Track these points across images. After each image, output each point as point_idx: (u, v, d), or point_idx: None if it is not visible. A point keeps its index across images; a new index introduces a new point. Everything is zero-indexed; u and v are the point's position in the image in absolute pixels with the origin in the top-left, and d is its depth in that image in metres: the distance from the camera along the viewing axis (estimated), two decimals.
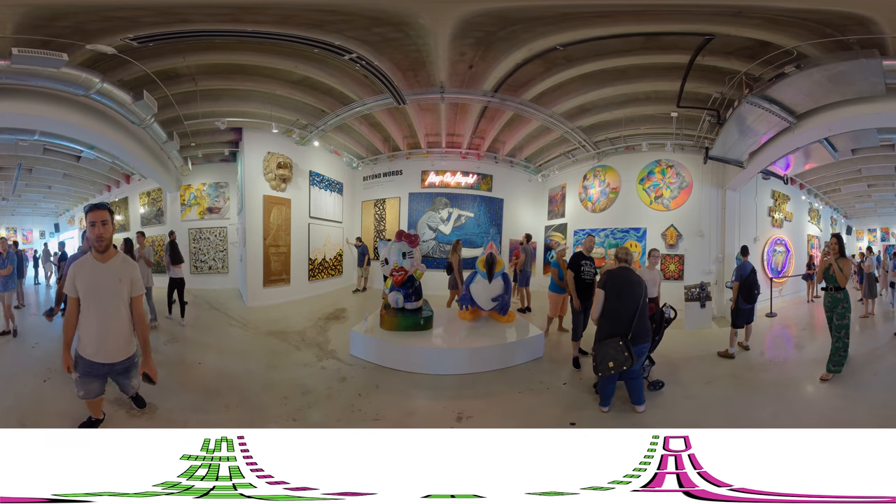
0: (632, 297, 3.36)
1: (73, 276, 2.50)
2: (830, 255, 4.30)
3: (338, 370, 4.30)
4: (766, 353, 5.31)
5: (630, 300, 3.36)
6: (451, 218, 9.78)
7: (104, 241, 2.50)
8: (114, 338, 2.56)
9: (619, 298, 3.38)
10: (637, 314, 3.33)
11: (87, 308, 2.50)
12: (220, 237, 9.46)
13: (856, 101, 4.71)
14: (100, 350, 2.54)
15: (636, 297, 3.36)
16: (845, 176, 9.29)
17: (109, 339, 2.55)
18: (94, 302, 2.49)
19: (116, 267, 2.56)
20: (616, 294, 3.41)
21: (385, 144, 9.49)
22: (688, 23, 4.29)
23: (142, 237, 6.30)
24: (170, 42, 4.52)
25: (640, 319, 3.34)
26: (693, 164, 7.63)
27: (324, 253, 9.49)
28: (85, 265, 2.53)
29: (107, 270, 2.52)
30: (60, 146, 7.25)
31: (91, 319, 2.51)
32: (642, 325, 3.39)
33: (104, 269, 2.52)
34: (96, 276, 2.50)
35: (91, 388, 2.63)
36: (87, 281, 2.49)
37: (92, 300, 2.49)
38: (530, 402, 3.66)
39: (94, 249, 2.52)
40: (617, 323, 3.35)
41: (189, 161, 8.40)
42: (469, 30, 4.52)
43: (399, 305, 4.99)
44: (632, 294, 3.37)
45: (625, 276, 3.47)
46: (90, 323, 2.51)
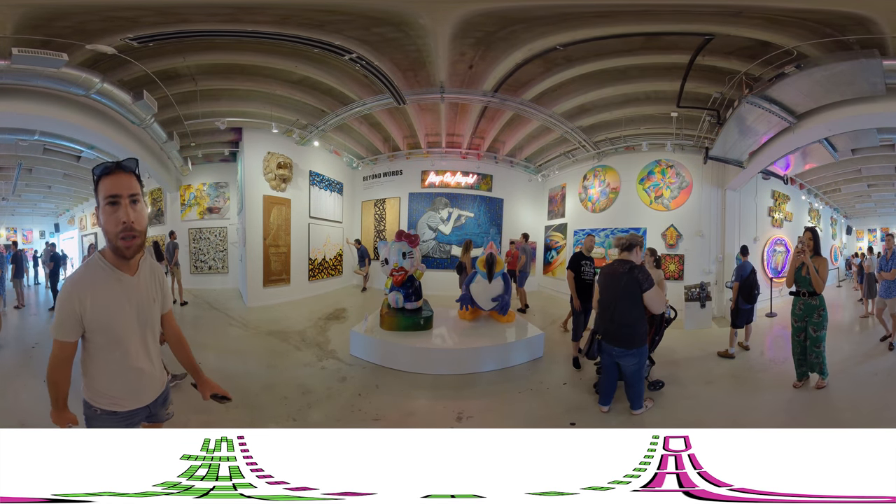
0: (607, 292, 3.27)
1: (79, 305, 1.43)
2: (804, 253, 3.72)
3: (338, 370, 4.30)
4: (766, 353, 5.31)
5: (604, 296, 3.30)
6: (451, 218, 9.78)
7: (137, 235, 1.46)
8: (149, 376, 1.65)
9: (601, 293, 3.39)
10: (610, 310, 3.18)
11: (107, 345, 1.52)
12: (220, 237, 9.46)
13: (856, 101, 4.71)
14: (131, 396, 1.61)
15: (611, 293, 3.22)
16: (845, 176, 9.28)
17: (145, 379, 1.63)
18: (122, 336, 1.53)
19: (146, 279, 1.62)
20: (601, 288, 3.42)
21: (385, 144, 9.49)
22: (688, 23, 4.29)
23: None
24: (170, 42, 4.52)
25: (613, 316, 3.18)
26: (693, 164, 7.63)
27: (324, 253, 9.49)
28: (101, 284, 1.48)
29: (137, 287, 1.57)
30: (60, 146, 7.24)
31: (116, 360, 1.54)
32: (617, 324, 3.17)
33: (133, 285, 1.55)
34: (124, 299, 1.52)
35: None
36: (109, 309, 1.48)
37: (119, 334, 1.52)
38: (530, 402, 3.66)
39: (118, 253, 1.47)
40: (598, 315, 3.39)
41: (189, 161, 8.39)
42: (469, 30, 4.52)
43: (399, 305, 4.99)
44: (608, 289, 3.28)
45: (609, 268, 3.36)
46: (115, 365, 1.54)
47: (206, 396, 1.82)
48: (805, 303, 3.80)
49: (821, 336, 3.73)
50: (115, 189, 1.41)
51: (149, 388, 1.67)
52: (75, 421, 1.61)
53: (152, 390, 1.68)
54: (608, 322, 3.24)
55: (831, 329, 3.87)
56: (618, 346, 3.22)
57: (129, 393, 1.61)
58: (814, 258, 3.74)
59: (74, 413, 1.62)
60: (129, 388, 1.60)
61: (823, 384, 3.82)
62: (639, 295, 3.11)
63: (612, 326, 3.22)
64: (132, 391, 1.61)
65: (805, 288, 3.78)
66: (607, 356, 3.32)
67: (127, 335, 1.54)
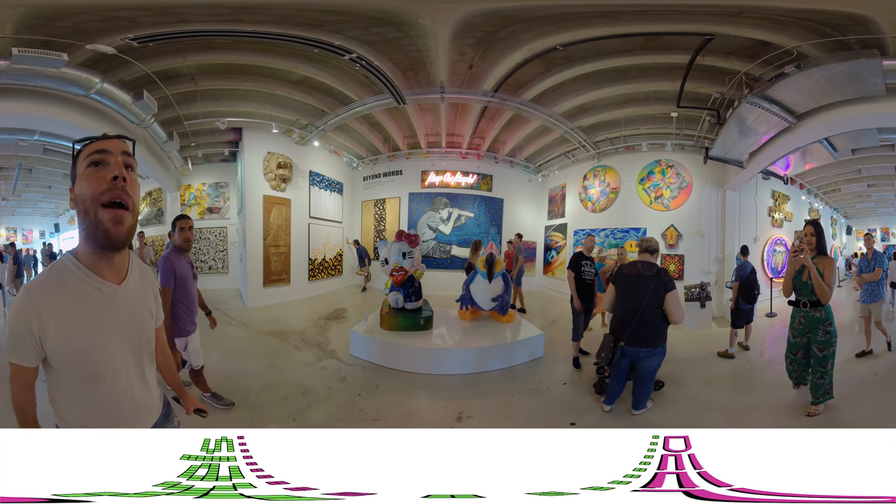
0: (631, 294, 3.20)
1: (37, 326, 1.03)
2: (804, 253, 2.89)
3: (338, 370, 4.30)
4: (766, 353, 5.31)
5: (628, 298, 3.21)
6: (451, 218, 9.79)
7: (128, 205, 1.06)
8: (143, 404, 1.30)
9: (622, 295, 3.28)
10: (638, 314, 3.12)
11: (81, 379, 1.13)
12: (220, 237, 9.46)
13: (856, 101, 4.71)
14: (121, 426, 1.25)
15: (636, 295, 3.14)
16: (845, 176, 9.29)
17: (138, 408, 1.28)
18: (104, 367, 1.14)
19: (137, 287, 1.22)
20: (621, 289, 3.31)
21: (385, 144, 9.49)
22: (688, 23, 4.29)
23: (142, 237, 6.28)
24: (170, 42, 4.52)
25: (641, 319, 3.12)
26: (693, 164, 7.64)
27: (324, 253, 9.50)
28: (71, 298, 1.07)
29: (127, 298, 1.17)
30: (60, 146, 7.25)
31: (96, 396, 1.16)
32: (643, 326, 3.11)
33: (120, 294, 1.15)
34: (107, 317, 1.12)
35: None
36: (83, 332, 1.08)
37: (98, 366, 1.13)
38: (530, 402, 3.66)
39: (100, 240, 1.04)
40: (616, 319, 3.30)
41: (189, 161, 8.40)
42: (469, 30, 4.52)
43: (399, 305, 4.99)
44: (632, 291, 3.19)
45: (631, 269, 3.26)
46: (93, 401, 1.17)
47: (189, 411, 1.59)
48: (807, 315, 3.03)
49: (827, 355, 2.99)
50: (104, 146, 1.06)
51: (145, 415, 1.33)
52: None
53: (149, 416, 1.35)
54: (635, 325, 3.13)
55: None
56: (644, 347, 3.14)
57: (118, 425, 1.23)
58: (817, 259, 2.98)
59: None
60: (117, 420, 1.23)
61: (817, 411, 3.09)
62: (663, 296, 3.09)
63: (638, 328, 3.13)
64: (122, 423, 1.24)
65: (807, 297, 3.00)
66: (626, 358, 3.26)
67: (113, 364, 1.14)
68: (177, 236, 3.18)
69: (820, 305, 2.97)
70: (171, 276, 3.01)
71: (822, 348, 3.00)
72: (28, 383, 1.14)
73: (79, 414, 1.18)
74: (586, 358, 4.64)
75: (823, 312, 2.99)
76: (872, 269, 4.75)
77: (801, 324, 3.11)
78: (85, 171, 1.04)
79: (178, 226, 3.17)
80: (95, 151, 1.05)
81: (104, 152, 1.05)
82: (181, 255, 3.20)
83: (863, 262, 4.96)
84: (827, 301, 2.94)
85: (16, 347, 1.06)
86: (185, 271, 3.19)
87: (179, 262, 3.14)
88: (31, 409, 1.18)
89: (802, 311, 3.09)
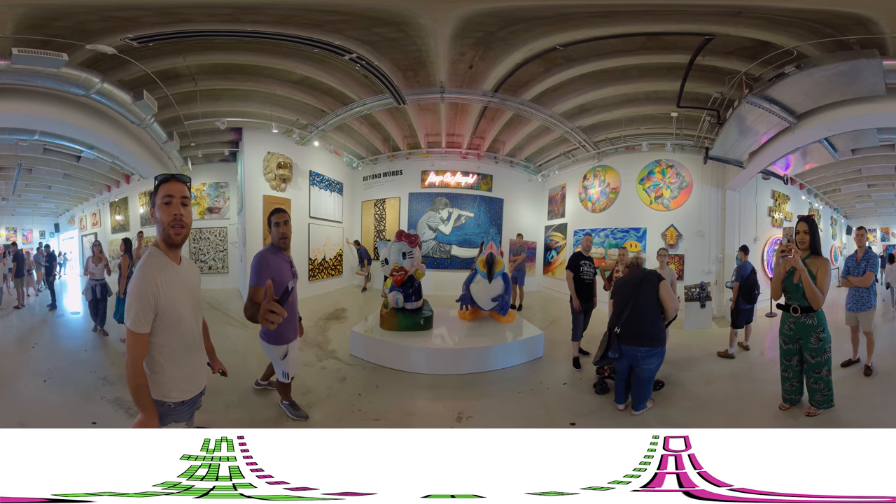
0: (622, 295, 3.46)
1: (156, 288, 1.60)
2: (794, 253, 2.62)
3: (338, 370, 4.30)
4: (766, 353, 5.30)
5: (621, 299, 3.46)
6: (451, 218, 9.78)
7: (185, 226, 1.70)
8: (201, 361, 1.93)
9: (617, 302, 3.53)
10: (627, 312, 3.34)
11: (174, 325, 1.67)
12: (220, 237, 9.46)
13: (856, 101, 4.71)
14: (192, 381, 1.80)
15: (626, 296, 3.41)
16: (845, 176, 9.28)
17: (199, 362, 1.91)
18: (183, 316, 1.70)
19: (189, 268, 1.84)
20: (617, 298, 3.55)
21: (385, 144, 9.49)
22: (688, 23, 4.29)
23: (140, 237, 6.30)
24: (170, 42, 4.51)
25: (630, 317, 3.33)
26: (693, 164, 7.63)
27: (324, 253, 9.49)
28: (164, 269, 1.67)
29: (183, 273, 1.76)
30: (60, 146, 7.24)
31: (179, 341, 1.71)
32: (635, 323, 3.31)
33: (183, 272, 1.76)
34: (180, 285, 1.71)
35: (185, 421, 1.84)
36: (173, 291, 1.67)
37: (181, 314, 1.69)
38: (530, 402, 3.66)
39: (169, 241, 1.69)
40: (614, 316, 3.48)
41: (189, 161, 8.38)
42: (469, 30, 4.52)
43: (399, 305, 4.99)
44: (623, 293, 3.47)
45: (623, 278, 3.59)
46: (178, 346, 1.71)
47: (215, 371, 2.18)
48: (797, 321, 2.81)
49: (821, 362, 2.80)
50: (171, 191, 1.68)
51: (202, 373, 1.92)
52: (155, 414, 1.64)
53: (203, 377, 1.92)
54: (630, 318, 3.33)
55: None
56: (642, 346, 3.27)
57: (190, 377, 1.79)
58: (810, 259, 2.77)
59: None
60: (190, 371, 1.79)
61: (817, 412, 2.93)
62: (655, 291, 3.32)
63: (633, 322, 3.31)
64: (192, 376, 1.80)
65: (797, 301, 2.78)
66: (625, 359, 3.37)
67: (186, 316, 1.73)
68: (272, 231, 2.85)
69: (812, 311, 2.74)
70: (263, 275, 2.61)
71: (815, 355, 2.82)
72: (143, 355, 1.61)
73: (168, 364, 1.68)
74: (586, 358, 4.64)
75: (815, 318, 2.76)
76: (863, 271, 4.04)
77: (792, 330, 2.91)
78: (160, 205, 1.67)
79: (273, 220, 2.85)
80: (166, 195, 1.66)
81: (171, 196, 1.66)
82: (279, 252, 2.85)
83: (851, 262, 4.21)
84: (819, 307, 2.72)
85: (139, 316, 1.56)
86: (284, 271, 2.79)
87: (277, 261, 2.77)
88: (146, 385, 1.62)
89: (792, 317, 2.86)
